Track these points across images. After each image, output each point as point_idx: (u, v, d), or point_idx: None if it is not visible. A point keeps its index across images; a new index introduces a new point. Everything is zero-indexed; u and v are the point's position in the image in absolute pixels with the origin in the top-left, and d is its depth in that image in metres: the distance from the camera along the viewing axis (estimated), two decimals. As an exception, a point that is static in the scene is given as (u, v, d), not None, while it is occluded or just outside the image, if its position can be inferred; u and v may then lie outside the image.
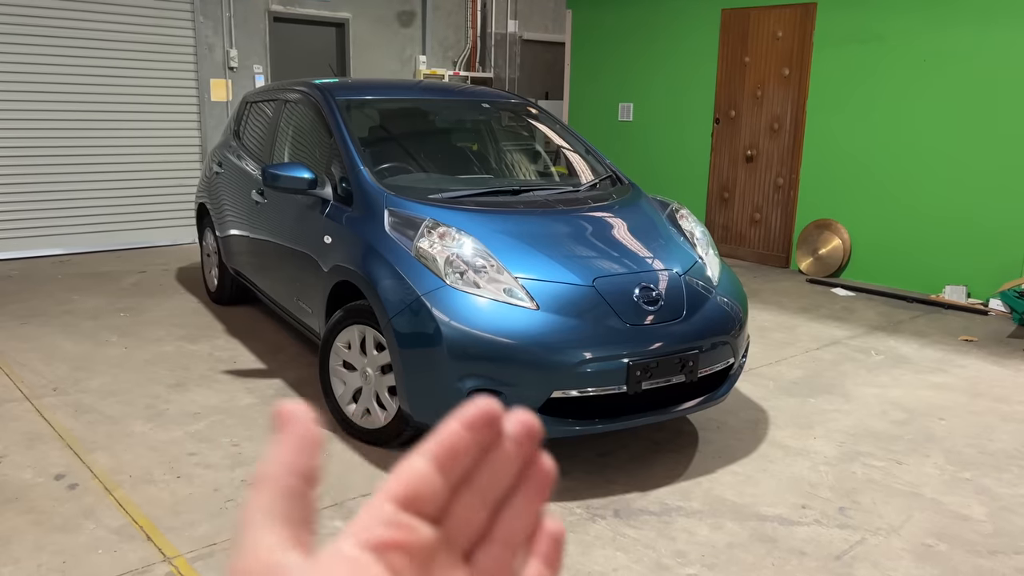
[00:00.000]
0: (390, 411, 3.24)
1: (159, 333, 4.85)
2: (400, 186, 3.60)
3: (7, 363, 4.25)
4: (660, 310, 3.10)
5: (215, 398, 3.83)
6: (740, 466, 3.26)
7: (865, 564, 2.58)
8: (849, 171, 6.72)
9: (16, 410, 3.64)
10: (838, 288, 6.44)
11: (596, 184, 4.09)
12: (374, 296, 3.13)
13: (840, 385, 4.23)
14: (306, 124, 4.32)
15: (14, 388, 3.90)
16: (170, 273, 6.52)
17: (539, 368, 2.87)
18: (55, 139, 7.14)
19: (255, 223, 4.54)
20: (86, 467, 3.10)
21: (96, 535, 2.62)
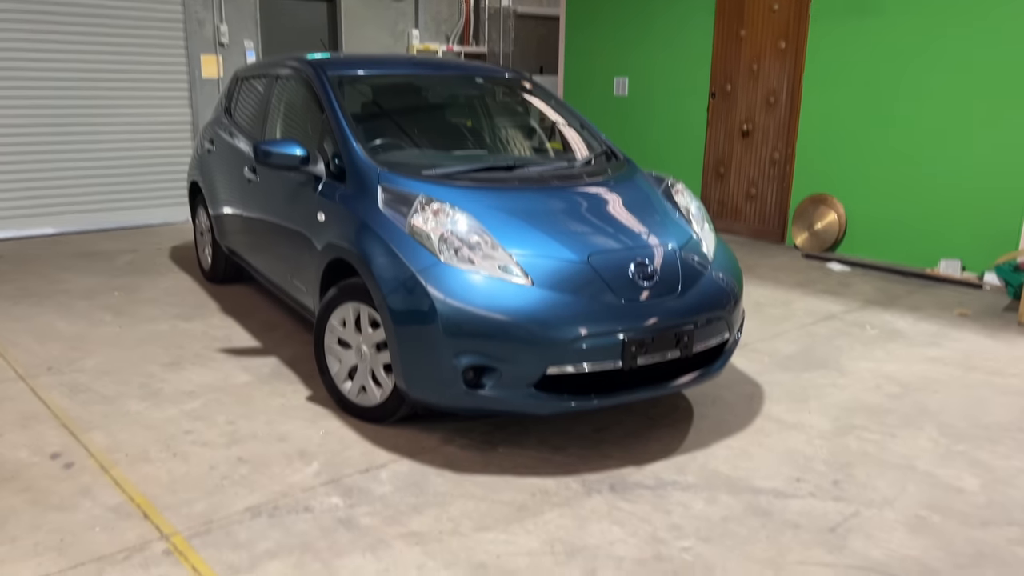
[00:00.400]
0: (386, 388, 3.25)
1: (153, 312, 4.85)
2: (393, 162, 3.58)
3: (0, 343, 4.25)
4: (655, 286, 3.11)
5: (210, 376, 3.83)
6: (735, 440, 3.29)
7: (859, 536, 2.60)
8: (845, 145, 6.70)
9: (11, 390, 3.64)
10: (834, 263, 6.45)
11: (591, 160, 4.08)
12: (368, 274, 3.12)
13: (835, 359, 4.25)
14: (298, 100, 4.29)
15: (8, 368, 3.90)
16: (163, 252, 6.50)
17: (534, 344, 2.88)
18: (45, 118, 7.08)
19: (248, 201, 4.52)
20: (82, 446, 3.11)
21: (93, 513, 2.63)
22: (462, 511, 2.70)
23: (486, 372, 2.94)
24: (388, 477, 2.92)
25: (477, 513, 2.69)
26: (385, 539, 2.52)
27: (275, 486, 2.83)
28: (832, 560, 2.47)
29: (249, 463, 3.00)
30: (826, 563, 2.46)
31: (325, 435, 3.24)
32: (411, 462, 3.04)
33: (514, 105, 5.10)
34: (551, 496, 2.81)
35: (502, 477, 2.94)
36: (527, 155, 4.60)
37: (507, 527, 2.61)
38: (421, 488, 2.85)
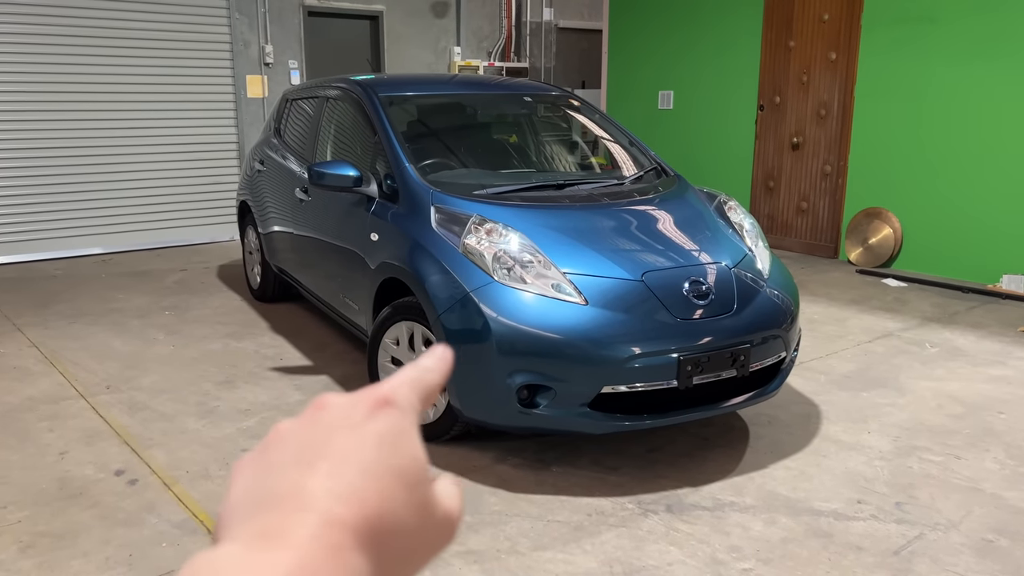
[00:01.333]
0: (439, 407, 3.33)
1: (205, 331, 5.01)
2: (445, 182, 3.69)
3: (60, 362, 4.44)
4: (710, 304, 3.15)
5: (264, 395, 3.96)
6: (793, 461, 3.30)
7: (924, 559, 2.61)
8: (900, 157, 6.66)
9: (73, 408, 3.80)
10: (889, 279, 6.40)
11: (641, 176, 4.14)
12: (423, 293, 3.22)
13: (894, 379, 4.23)
14: (348, 121, 4.43)
15: (69, 386, 4.07)
16: (211, 271, 6.69)
17: (588, 364, 2.94)
18: (94, 139, 7.36)
19: (299, 221, 4.67)
20: (144, 463, 3.24)
21: (159, 529, 2.75)
22: (518, 530, 2.77)
23: (540, 391, 3.01)
24: (443, 496, 2.99)
25: (534, 532, 2.75)
26: (443, 557, 2.59)
27: (333, 504, 2.92)
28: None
29: (307, 481, 3.09)
30: (891, 586, 2.46)
31: (380, 453, 3.32)
32: (465, 480, 3.11)
33: (561, 122, 5.19)
34: (607, 516, 2.86)
35: (556, 497, 3.00)
36: (576, 172, 4.68)
37: (564, 547, 2.67)
38: (476, 507, 2.92)
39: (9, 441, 3.44)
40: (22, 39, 6.88)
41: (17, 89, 6.92)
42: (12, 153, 6.98)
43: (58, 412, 3.75)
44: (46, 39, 6.99)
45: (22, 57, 6.90)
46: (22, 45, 6.89)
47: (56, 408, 3.80)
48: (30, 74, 6.96)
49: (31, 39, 6.92)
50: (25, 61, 6.92)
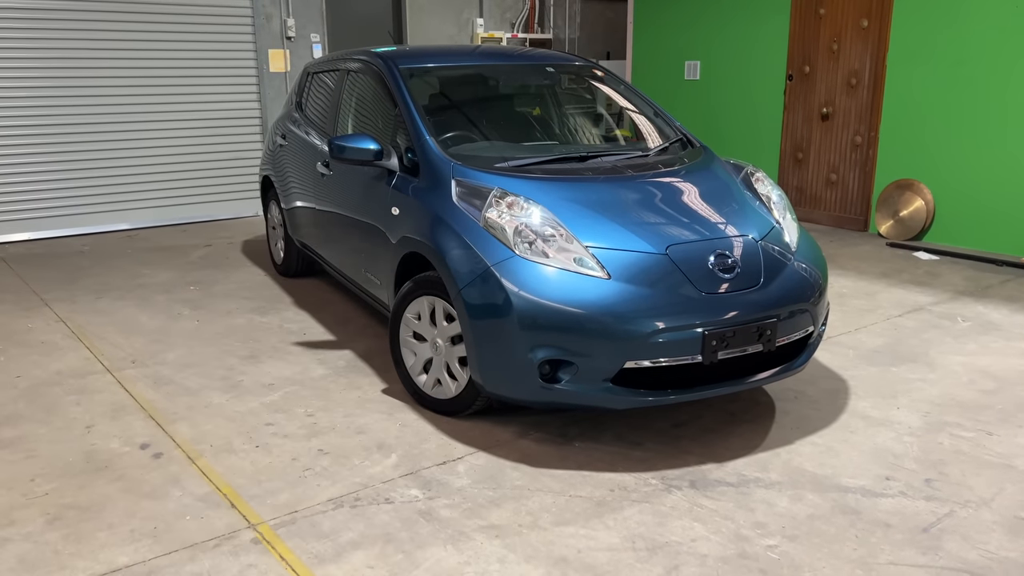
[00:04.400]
0: (461, 381, 3.32)
1: (229, 306, 5.04)
2: (466, 155, 3.65)
3: (87, 336, 4.48)
4: (736, 277, 3.10)
5: (288, 369, 3.98)
6: (820, 437, 3.26)
7: (954, 537, 2.56)
8: (932, 127, 6.50)
9: (99, 382, 3.84)
10: (921, 252, 6.28)
11: (666, 148, 4.07)
12: (443, 267, 3.20)
13: (924, 353, 4.16)
14: (369, 94, 4.40)
15: (95, 361, 4.12)
16: (235, 246, 6.73)
17: (611, 338, 2.90)
18: (118, 116, 7.39)
19: (321, 195, 4.66)
20: (169, 437, 3.27)
21: (183, 502, 2.78)
22: (540, 505, 2.76)
23: (562, 366, 2.98)
24: (465, 470, 2.99)
25: (556, 507, 2.74)
26: (465, 531, 2.59)
27: (355, 477, 2.93)
28: (926, 561, 2.44)
29: (329, 455, 3.11)
30: (919, 564, 2.43)
31: (402, 428, 3.34)
32: (487, 455, 3.11)
33: (584, 93, 5.11)
34: (630, 492, 2.84)
35: (579, 472, 2.98)
36: (600, 144, 4.61)
37: (587, 522, 2.65)
38: (498, 482, 2.91)
39: (37, 415, 3.49)
40: (45, 14, 6.90)
41: (41, 66, 6.96)
42: (39, 130, 7.04)
43: (85, 386, 3.79)
44: (68, 15, 7.00)
45: (45, 34, 6.93)
46: (46, 21, 6.92)
47: (83, 382, 3.84)
48: (54, 50, 6.99)
49: (54, 15, 6.94)
50: (49, 38, 6.94)
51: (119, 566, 2.43)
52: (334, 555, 2.48)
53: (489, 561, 2.44)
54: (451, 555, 2.47)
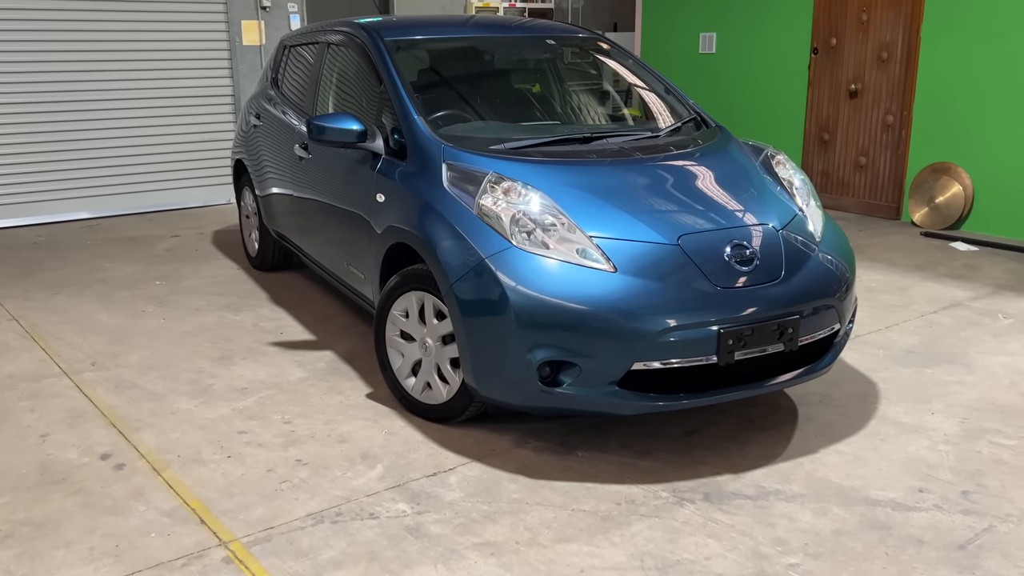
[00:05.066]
0: (453, 385, 3.32)
1: (199, 303, 5.04)
2: (458, 136, 3.64)
3: (42, 336, 4.48)
4: (755, 270, 3.10)
5: (263, 372, 3.98)
6: (846, 445, 3.27)
7: (993, 554, 2.57)
8: (971, 106, 6.51)
9: (55, 386, 3.85)
10: (958, 242, 6.29)
11: (678, 128, 4.07)
12: (433, 260, 3.20)
13: (962, 353, 4.16)
14: (352, 69, 4.39)
15: (51, 363, 4.12)
16: (206, 237, 6.73)
17: (617, 337, 2.91)
18: (76, 94, 7.38)
19: (299, 181, 4.66)
20: (132, 446, 3.27)
21: (147, 518, 2.78)
22: (540, 520, 2.76)
23: (563, 368, 2.98)
24: (457, 482, 3.00)
25: (557, 523, 2.75)
26: (457, 549, 2.60)
27: (337, 490, 2.94)
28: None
29: (308, 465, 3.11)
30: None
31: (388, 436, 3.34)
32: (482, 466, 3.11)
33: (589, 68, 5.11)
34: (638, 506, 2.85)
35: (582, 484, 2.99)
36: (605, 125, 4.61)
37: (591, 539, 2.66)
38: (493, 495, 2.92)
39: (-13, 422, 3.49)
40: (-4, -17, 6.89)
41: (-8, 38, 6.95)
42: (-12, 109, 7.03)
43: (39, 391, 3.79)
44: (22, -17, 6.99)
45: (-4, 3, 6.91)
46: (-4, -10, 6.90)
47: (37, 387, 3.84)
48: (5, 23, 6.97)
49: (5, -17, 6.92)
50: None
51: (77, 588, 2.43)
52: (313, 575, 2.48)
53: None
54: (441, 574, 2.48)
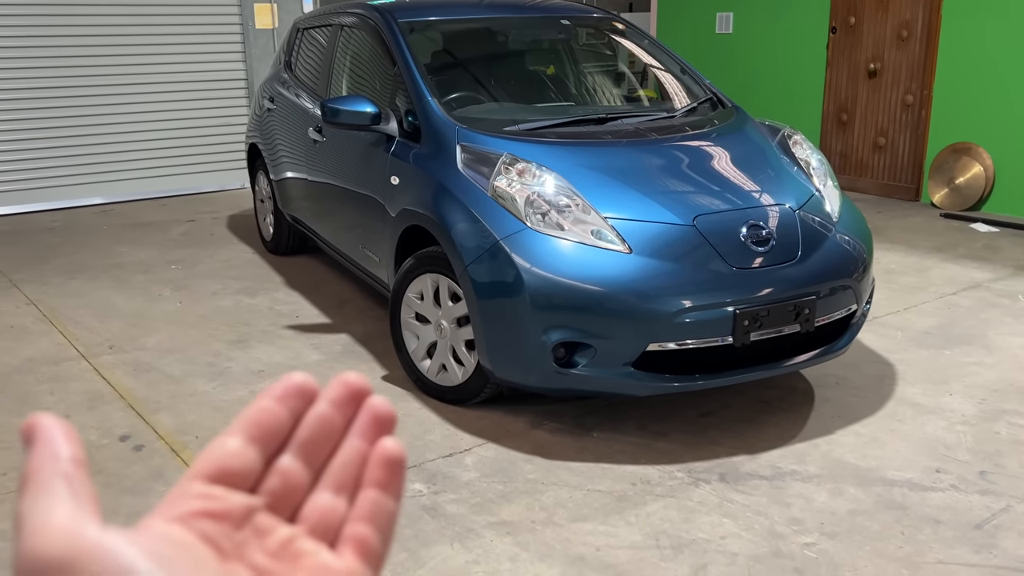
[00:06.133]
0: (468, 367, 3.35)
1: (215, 286, 5.09)
2: (472, 118, 3.66)
3: (60, 320, 4.55)
4: (771, 251, 3.11)
5: (279, 355, 4.02)
6: (863, 426, 3.28)
7: (1011, 534, 2.58)
8: (993, 85, 6.45)
9: (74, 369, 3.91)
10: (979, 223, 6.26)
11: (694, 108, 4.07)
12: (448, 242, 3.22)
13: (981, 335, 4.16)
14: (365, 51, 4.41)
15: (69, 347, 4.18)
16: (220, 221, 6.78)
17: (633, 319, 2.93)
18: (91, 80, 7.43)
19: (313, 164, 4.69)
20: (150, 428, 3.33)
21: (167, 498, 2.83)
22: (556, 500, 2.79)
23: (579, 349, 3.01)
24: (473, 463, 3.03)
25: (572, 503, 2.78)
26: (474, 528, 2.64)
27: (354, 471, 2.98)
28: (979, 560, 2.46)
29: (325, 447, 3.15)
30: (972, 563, 2.45)
31: (404, 417, 3.38)
32: (497, 447, 3.14)
33: (604, 49, 5.11)
34: (654, 486, 2.87)
35: (598, 465, 3.02)
36: (621, 105, 4.62)
37: (606, 518, 2.69)
38: (509, 475, 2.95)
39: (8, 404, 3.56)
40: (9, -32, 6.93)
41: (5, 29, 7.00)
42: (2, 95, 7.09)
43: (59, 374, 3.86)
44: (35, -33, 7.03)
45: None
46: (9, -26, 6.95)
47: (56, 370, 3.90)
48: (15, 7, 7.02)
49: (19, -32, 6.97)
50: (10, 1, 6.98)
51: (99, 566, 2.49)
52: (331, 554, 2.52)
53: (500, 560, 2.48)
54: (458, 553, 2.52)
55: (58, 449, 0.37)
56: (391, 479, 0.41)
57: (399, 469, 0.42)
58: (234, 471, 0.39)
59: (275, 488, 0.40)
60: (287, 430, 0.41)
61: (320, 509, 0.40)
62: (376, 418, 0.42)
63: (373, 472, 0.41)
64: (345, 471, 0.41)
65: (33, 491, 0.35)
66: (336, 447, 0.42)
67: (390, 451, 0.41)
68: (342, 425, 0.42)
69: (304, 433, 0.41)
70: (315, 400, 0.41)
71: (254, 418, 0.40)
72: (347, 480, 0.41)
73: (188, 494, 0.38)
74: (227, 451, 0.39)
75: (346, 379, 0.42)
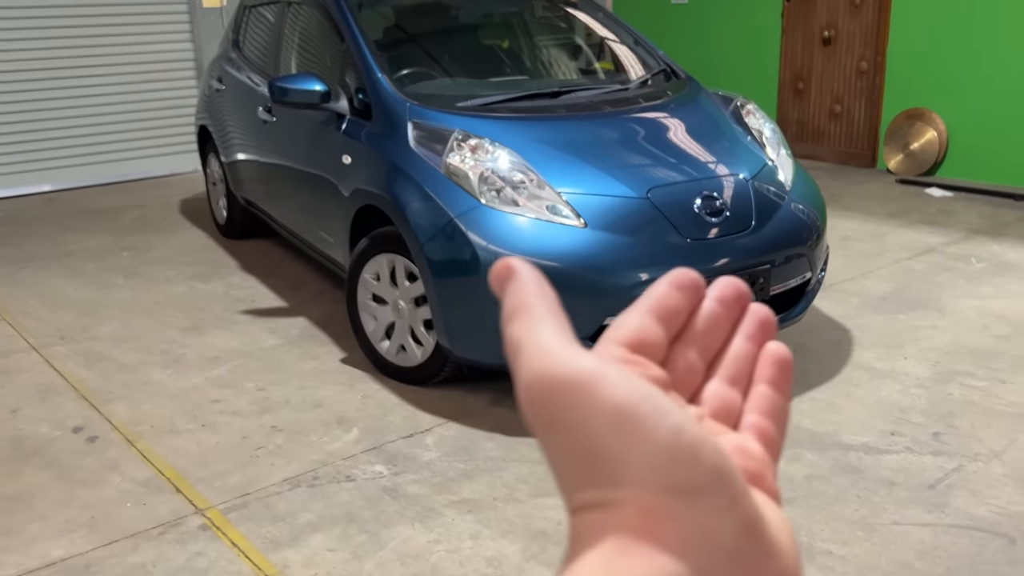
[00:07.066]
0: (427, 347, 3.36)
1: (168, 273, 5.03)
2: (424, 94, 3.64)
3: (8, 312, 4.47)
4: (725, 221, 3.14)
5: (235, 341, 3.99)
6: (820, 392, 3.34)
7: (962, 492, 2.65)
8: (945, 51, 6.54)
9: (24, 361, 3.84)
10: (933, 188, 6.36)
11: (648, 80, 4.08)
12: (402, 221, 3.21)
13: (935, 298, 4.24)
14: (314, 28, 4.35)
15: (19, 338, 4.11)
16: (173, 206, 6.68)
17: (589, 293, 2.95)
18: (32, 63, 7.25)
19: (264, 145, 4.63)
20: (104, 418, 3.29)
21: (122, 488, 2.81)
22: (517, 476, 2.81)
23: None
24: (434, 442, 3.04)
25: (534, 478, 2.80)
26: (435, 508, 2.65)
27: (313, 455, 2.98)
28: (932, 519, 2.53)
29: (284, 432, 3.15)
30: (925, 523, 2.51)
31: (363, 399, 3.37)
32: (458, 426, 3.16)
33: (557, 22, 5.09)
34: (614, 458, 2.90)
35: (559, 439, 3.03)
36: (574, 78, 4.61)
37: (567, 492, 2.71)
38: (471, 453, 2.97)
39: (-44, 400, 3.49)
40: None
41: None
42: (-60, 81, 6.90)
43: (8, 366, 3.79)
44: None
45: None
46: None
47: (6, 362, 3.84)
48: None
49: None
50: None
51: (54, 559, 2.47)
52: (291, 538, 2.52)
53: (461, 538, 2.50)
54: (419, 533, 2.53)
55: (539, 286, 0.38)
56: (782, 378, 0.42)
57: (789, 370, 0.43)
58: (649, 344, 0.39)
59: (678, 369, 0.41)
60: (684, 317, 0.41)
61: (718, 397, 0.41)
62: (761, 322, 0.43)
63: (764, 370, 0.42)
64: (737, 366, 0.42)
65: (524, 320, 0.36)
66: (725, 344, 0.42)
67: (781, 352, 0.43)
68: (728, 324, 0.43)
69: (698, 324, 0.42)
70: (703, 294, 0.42)
71: (660, 300, 0.40)
72: (740, 375, 0.42)
73: (612, 356, 0.38)
74: (643, 324, 0.39)
75: (732, 281, 0.43)
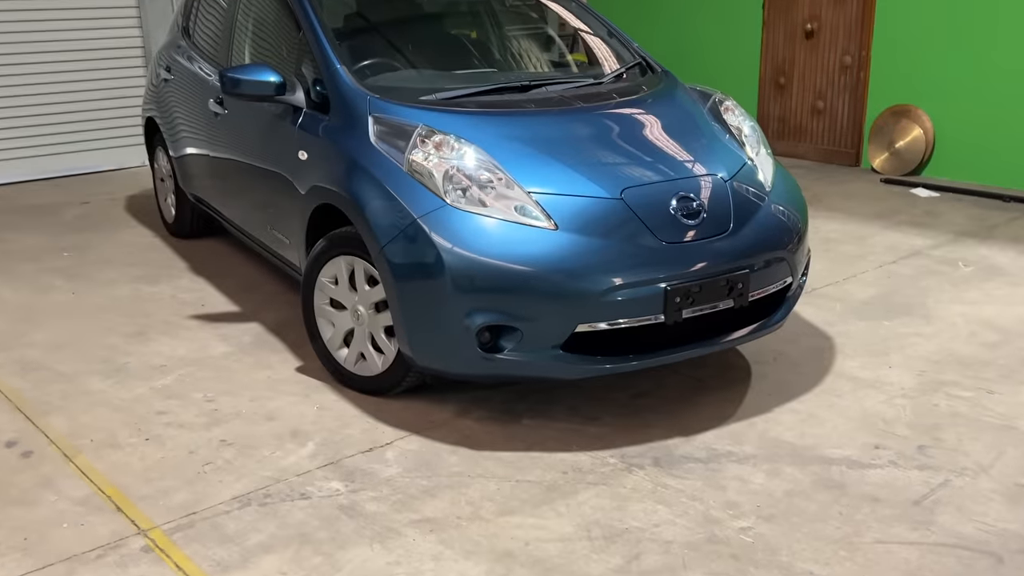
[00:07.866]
0: (388, 355, 3.32)
1: (111, 274, 4.95)
2: (386, 87, 3.61)
3: (-63, 317, 4.38)
4: (702, 224, 3.14)
5: (182, 348, 3.94)
6: (801, 403, 3.35)
7: (949, 509, 2.67)
8: (932, 45, 6.61)
9: (-47, 371, 3.76)
10: (919, 188, 6.43)
11: (622, 74, 4.08)
12: (362, 221, 3.18)
13: (921, 304, 4.28)
14: (269, 15, 4.31)
15: (-52, 345, 4.03)
16: (118, 203, 6.60)
17: (560, 299, 2.93)
18: (-32, 47, 7.13)
19: (215, 139, 4.58)
20: (40, 432, 3.23)
21: (58, 508, 2.75)
22: (482, 493, 2.79)
23: (504, 332, 3.00)
24: (395, 457, 3.01)
25: (500, 495, 2.78)
26: (394, 527, 2.62)
27: (265, 471, 2.93)
28: (916, 538, 2.54)
29: (234, 446, 3.10)
30: (910, 541, 2.52)
31: (320, 411, 3.34)
32: (421, 439, 3.13)
33: (528, 11, 5.08)
34: (585, 474, 2.89)
35: (527, 453, 3.02)
36: (545, 72, 4.60)
37: (535, 510, 2.70)
38: (433, 468, 2.94)
39: None
40: None
41: None
42: None
43: (-64, 376, 3.71)
44: None
45: None
46: None
47: (-67, 371, 3.76)
48: None
49: None
50: None
51: (-18, 586, 2.41)
52: (240, 561, 2.48)
53: (422, 559, 2.48)
54: (378, 555, 2.50)
55: None
56: None
57: None
58: None
59: None
60: None
61: None
62: None
63: None
64: None
65: None
66: None
67: None
68: None
69: None
70: None
71: None
72: None
73: None
74: None
75: None
